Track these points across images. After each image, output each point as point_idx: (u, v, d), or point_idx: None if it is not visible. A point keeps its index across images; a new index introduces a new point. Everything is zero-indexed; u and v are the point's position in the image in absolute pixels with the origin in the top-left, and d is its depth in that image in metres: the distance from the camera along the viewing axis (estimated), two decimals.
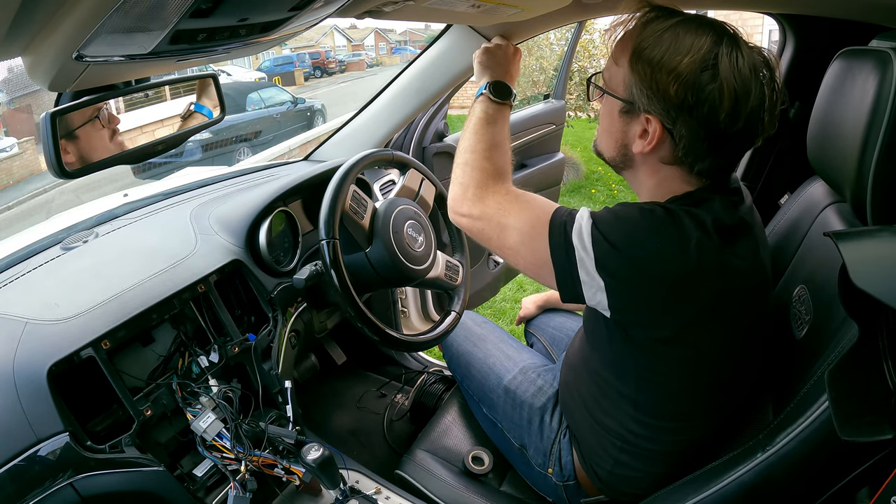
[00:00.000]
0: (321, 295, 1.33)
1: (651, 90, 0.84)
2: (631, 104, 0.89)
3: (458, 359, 1.47)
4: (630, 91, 0.88)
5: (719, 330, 0.89)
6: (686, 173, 0.90)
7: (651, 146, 0.88)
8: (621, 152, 0.95)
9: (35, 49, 0.61)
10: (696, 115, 0.82)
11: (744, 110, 0.82)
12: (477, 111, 1.12)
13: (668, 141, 0.87)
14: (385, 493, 1.25)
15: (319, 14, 0.79)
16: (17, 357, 0.95)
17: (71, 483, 0.93)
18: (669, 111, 0.84)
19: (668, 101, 0.83)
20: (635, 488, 1.09)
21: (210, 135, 8.46)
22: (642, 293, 0.85)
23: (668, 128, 0.85)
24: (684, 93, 0.81)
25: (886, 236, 0.74)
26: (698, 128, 0.83)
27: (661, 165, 0.91)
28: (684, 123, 0.84)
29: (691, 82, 0.81)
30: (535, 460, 1.24)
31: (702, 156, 0.86)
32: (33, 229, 1.60)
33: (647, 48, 0.85)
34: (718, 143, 0.85)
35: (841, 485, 0.79)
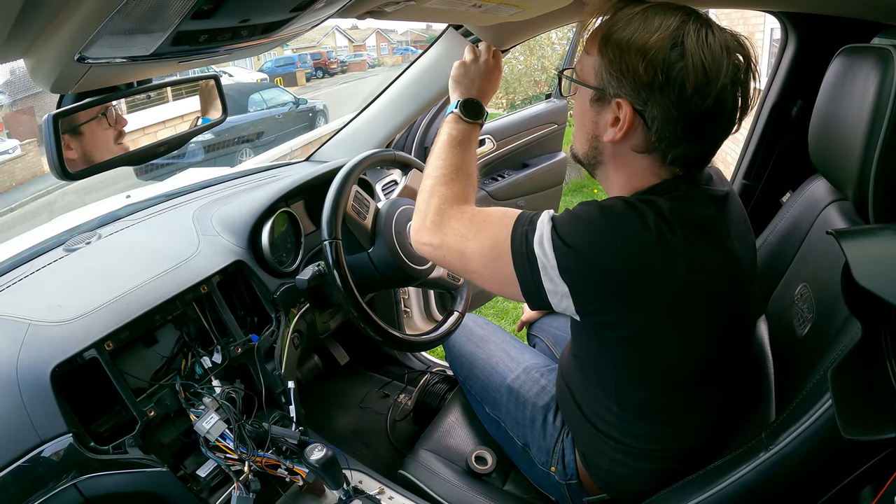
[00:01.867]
0: (324, 295, 1.33)
1: (620, 72, 0.82)
2: (601, 91, 0.86)
3: (460, 359, 1.47)
4: (600, 77, 0.86)
5: (686, 328, 0.86)
6: (658, 164, 0.87)
7: (623, 132, 0.85)
8: (592, 145, 0.92)
9: (37, 51, 0.61)
10: (667, 93, 0.79)
11: (713, 87, 0.79)
12: (444, 132, 1.08)
13: (640, 126, 0.84)
14: (388, 494, 1.25)
15: (321, 15, 0.79)
16: (21, 358, 0.95)
17: (74, 484, 0.93)
18: (640, 91, 0.81)
19: (638, 81, 0.81)
20: (634, 486, 1.09)
21: (212, 136, 8.48)
22: (604, 292, 0.83)
23: (639, 110, 0.83)
24: (653, 71, 0.79)
25: (889, 234, 0.74)
26: (670, 107, 0.80)
27: (632, 156, 0.88)
28: (656, 103, 0.81)
29: (660, 59, 0.79)
30: (538, 459, 1.24)
31: (675, 140, 0.83)
32: (36, 231, 1.60)
33: (616, 31, 0.83)
34: (692, 123, 0.81)
35: (844, 484, 0.79)
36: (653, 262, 0.80)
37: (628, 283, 0.82)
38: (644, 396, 0.98)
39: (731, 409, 1.04)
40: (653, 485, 1.05)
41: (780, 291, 1.15)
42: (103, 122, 0.94)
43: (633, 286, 0.82)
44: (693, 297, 0.83)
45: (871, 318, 0.70)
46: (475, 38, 1.54)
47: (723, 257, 0.86)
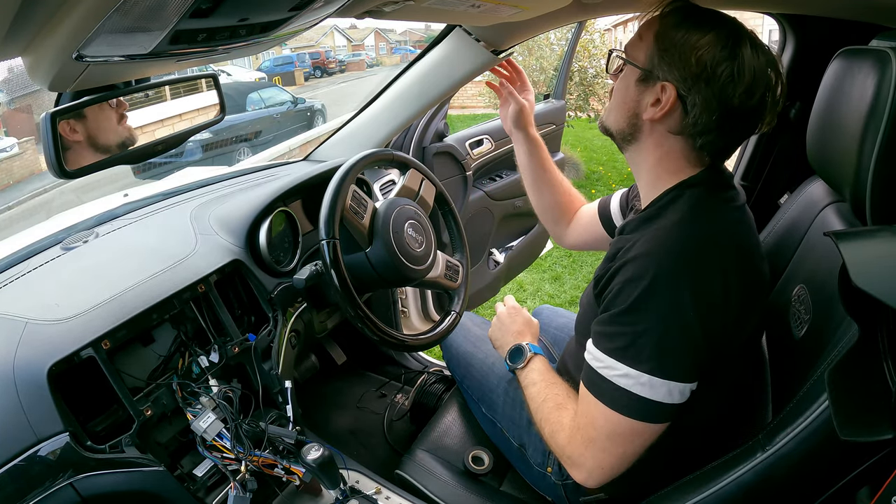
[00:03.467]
0: (321, 295, 1.33)
1: (672, 58, 0.90)
2: (649, 72, 0.93)
3: (457, 359, 1.47)
4: (651, 61, 0.93)
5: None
6: (689, 147, 0.95)
7: (663, 112, 0.92)
8: (631, 122, 0.99)
9: (35, 49, 0.61)
10: (712, 85, 0.88)
11: (758, 90, 0.88)
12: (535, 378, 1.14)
13: (679, 110, 0.92)
14: (385, 493, 1.25)
15: (319, 14, 0.79)
16: (18, 357, 0.95)
17: (71, 483, 0.93)
18: (686, 79, 0.89)
19: (687, 70, 0.89)
20: (630, 485, 1.09)
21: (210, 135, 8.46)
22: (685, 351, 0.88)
23: (682, 95, 0.90)
24: (703, 64, 0.87)
25: (887, 236, 0.74)
26: (712, 98, 0.88)
27: (666, 136, 0.96)
28: (699, 93, 0.89)
29: (711, 55, 0.87)
30: (534, 459, 1.24)
31: (708, 128, 0.90)
32: (33, 229, 1.60)
33: (673, 24, 0.92)
34: (727, 117, 0.89)
35: (841, 484, 0.79)
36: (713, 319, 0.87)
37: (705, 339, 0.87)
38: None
39: (729, 406, 1.05)
40: (649, 484, 1.05)
41: (778, 292, 1.15)
42: (105, 105, 0.94)
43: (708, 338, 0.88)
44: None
45: (868, 320, 0.70)
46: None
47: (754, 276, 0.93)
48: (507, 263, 2.52)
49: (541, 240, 2.70)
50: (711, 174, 0.97)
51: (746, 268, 0.91)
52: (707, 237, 0.90)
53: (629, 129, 1.00)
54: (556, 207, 1.49)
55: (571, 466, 0.98)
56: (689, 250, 0.88)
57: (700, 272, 0.87)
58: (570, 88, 7.49)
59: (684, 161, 0.97)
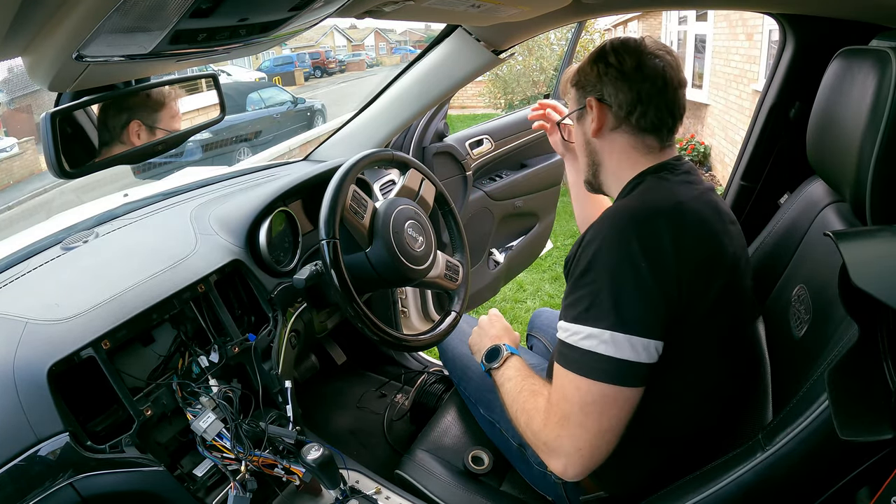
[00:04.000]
0: (321, 295, 1.33)
1: (581, 85, 1.09)
2: (580, 108, 1.11)
3: (454, 362, 1.47)
4: (576, 100, 1.12)
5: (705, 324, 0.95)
6: (633, 135, 1.06)
7: (598, 119, 1.06)
8: (589, 150, 1.13)
9: (35, 49, 0.61)
10: (609, 74, 1.04)
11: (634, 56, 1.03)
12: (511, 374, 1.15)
13: (606, 110, 1.06)
14: (385, 493, 1.25)
15: (319, 14, 0.79)
16: (18, 357, 0.95)
17: (71, 483, 0.93)
18: (595, 84, 1.06)
19: (591, 80, 1.07)
20: (628, 483, 1.09)
21: (210, 135, 8.47)
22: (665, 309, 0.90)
23: (600, 97, 1.06)
24: (597, 66, 1.06)
25: (887, 236, 0.74)
26: (615, 80, 1.03)
27: (611, 137, 1.08)
28: (606, 85, 1.05)
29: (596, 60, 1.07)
30: (534, 459, 1.24)
31: (632, 104, 1.03)
32: (33, 229, 1.60)
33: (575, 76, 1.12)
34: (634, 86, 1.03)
35: (841, 484, 0.79)
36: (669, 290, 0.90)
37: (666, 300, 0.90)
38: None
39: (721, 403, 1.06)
40: (646, 481, 1.06)
41: (778, 292, 1.15)
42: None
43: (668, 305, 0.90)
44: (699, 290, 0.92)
45: (868, 320, 0.70)
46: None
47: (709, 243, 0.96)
48: (507, 263, 2.52)
49: (541, 240, 2.70)
50: (668, 162, 1.05)
51: (701, 237, 0.94)
52: (658, 203, 0.96)
53: (591, 157, 1.13)
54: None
55: (549, 455, 0.97)
56: (638, 210, 0.95)
57: (648, 227, 0.91)
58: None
59: (636, 152, 1.06)
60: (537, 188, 2.50)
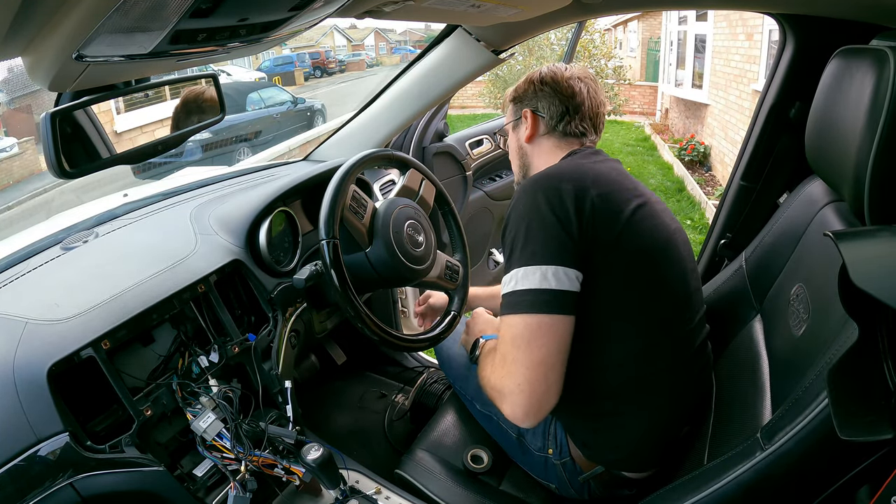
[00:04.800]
0: (321, 295, 1.33)
1: (518, 98, 1.28)
2: (516, 118, 1.28)
3: (450, 362, 1.48)
4: (513, 112, 1.29)
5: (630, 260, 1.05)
6: (557, 137, 1.24)
7: (530, 127, 1.25)
8: (521, 154, 1.30)
9: (35, 49, 0.61)
10: (544, 90, 1.23)
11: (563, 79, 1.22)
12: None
13: (538, 119, 1.24)
14: (385, 493, 1.25)
15: (319, 14, 0.79)
16: (17, 357, 0.95)
17: (71, 483, 0.93)
18: (528, 97, 1.25)
19: (527, 95, 1.26)
20: (616, 448, 1.14)
21: (210, 135, 8.46)
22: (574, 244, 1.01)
23: (533, 109, 1.24)
24: (532, 86, 1.25)
25: (886, 236, 0.74)
26: (548, 96, 1.23)
27: (539, 141, 1.26)
28: (539, 99, 1.24)
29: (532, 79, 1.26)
30: (533, 445, 1.26)
31: (559, 114, 1.22)
32: (33, 229, 1.60)
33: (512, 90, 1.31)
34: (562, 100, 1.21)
35: (840, 484, 0.79)
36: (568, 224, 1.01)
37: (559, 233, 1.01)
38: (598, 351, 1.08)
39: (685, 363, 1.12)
40: (632, 447, 1.12)
41: (776, 291, 1.15)
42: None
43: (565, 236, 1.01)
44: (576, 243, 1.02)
45: (867, 320, 0.70)
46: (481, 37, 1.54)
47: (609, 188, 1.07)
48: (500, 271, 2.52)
49: None
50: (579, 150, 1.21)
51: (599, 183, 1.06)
52: (561, 168, 1.11)
53: (522, 160, 1.30)
54: None
55: (499, 399, 1.04)
56: (543, 175, 1.08)
57: (551, 183, 1.04)
58: None
59: (560, 151, 1.23)
60: None
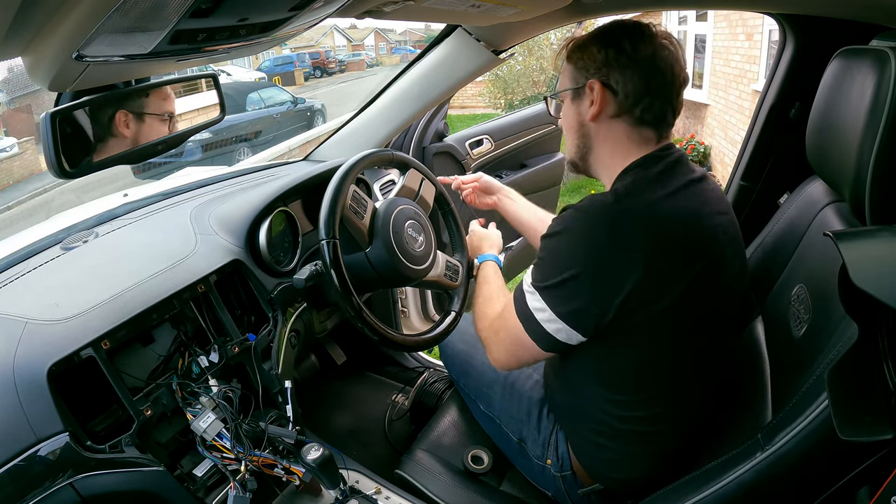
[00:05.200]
0: (321, 295, 1.33)
1: (584, 63, 1.03)
2: (576, 87, 1.06)
3: (454, 359, 1.48)
4: (573, 78, 1.06)
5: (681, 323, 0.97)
6: (631, 125, 1.03)
7: (599, 104, 1.02)
8: (581, 133, 1.08)
9: (35, 49, 0.61)
10: (621, 60, 0.99)
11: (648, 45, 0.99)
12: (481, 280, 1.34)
13: (609, 95, 1.02)
14: (385, 493, 1.25)
15: (319, 14, 0.79)
16: (17, 357, 0.95)
17: (71, 483, 0.93)
18: (601, 68, 1.01)
19: (598, 61, 1.01)
20: (620, 472, 1.13)
21: (210, 135, 8.47)
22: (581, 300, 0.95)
23: (605, 82, 1.01)
24: (606, 50, 1.00)
25: (886, 236, 0.74)
26: (627, 67, 0.99)
27: (609, 124, 1.04)
28: (616, 69, 1.00)
29: (607, 42, 1.01)
30: (533, 452, 1.25)
31: (639, 94, 1.00)
32: (33, 229, 1.59)
33: (574, 48, 1.06)
34: (644, 77, 0.99)
35: (841, 484, 0.79)
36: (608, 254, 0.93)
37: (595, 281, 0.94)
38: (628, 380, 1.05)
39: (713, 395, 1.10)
40: (639, 470, 1.09)
41: (777, 292, 1.15)
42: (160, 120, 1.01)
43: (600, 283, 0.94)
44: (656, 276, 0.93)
45: (867, 320, 0.70)
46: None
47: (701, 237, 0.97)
48: (506, 263, 2.52)
49: None
50: (657, 154, 1.02)
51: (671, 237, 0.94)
52: (634, 204, 0.95)
53: (582, 140, 1.09)
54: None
55: (487, 347, 1.16)
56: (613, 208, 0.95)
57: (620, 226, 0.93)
58: None
59: (631, 143, 1.04)
60: (537, 188, 2.50)
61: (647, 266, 0.90)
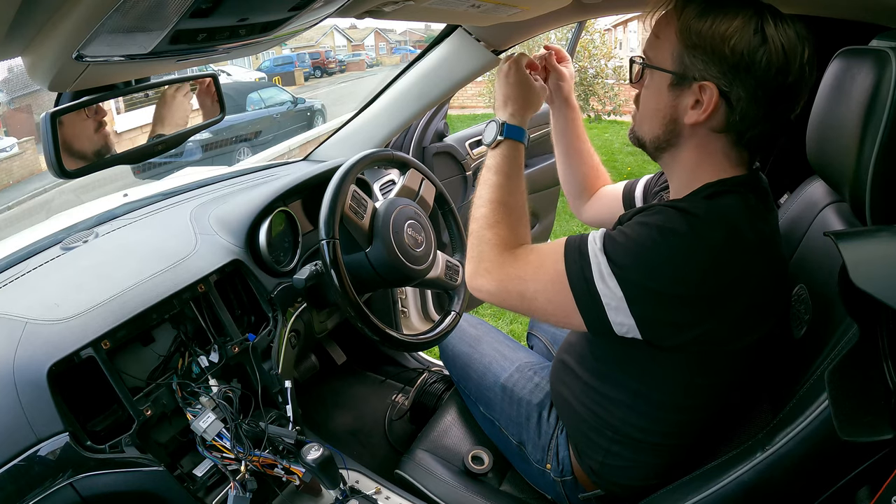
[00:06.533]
0: (321, 295, 1.33)
1: (705, 54, 0.84)
2: (681, 75, 0.88)
3: (454, 360, 1.48)
4: (681, 61, 0.87)
5: (748, 338, 0.90)
6: (732, 144, 0.90)
7: (707, 114, 0.86)
8: (669, 129, 0.93)
9: (35, 49, 0.61)
10: (753, 72, 0.82)
11: (794, 66, 0.83)
12: (488, 164, 1.04)
13: (723, 107, 0.86)
14: (385, 493, 1.25)
15: (319, 14, 0.79)
16: (17, 357, 0.95)
17: (71, 483, 0.93)
18: (726, 73, 0.83)
19: (725, 63, 0.83)
20: (628, 479, 1.10)
21: (210, 135, 8.45)
22: (671, 318, 0.85)
23: (724, 91, 0.84)
24: (740, 52, 0.82)
25: (886, 236, 0.74)
26: (756, 87, 0.83)
27: (709, 136, 0.90)
28: (741, 84, 0.83)
29: (745, 42, 0.81)
30: (533, 456, 1.24)
31: (756, 119, 0.86)
32: (33, 229, 1.60)
33: (694, 17, 0.85)
34: (773, 102, 0.85)
35: (841, 484, 0.79)
36: (721, 284, 0.83)
37: (696, 307, 0.84)
38: (669, 390, 0.99)
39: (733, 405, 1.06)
40: (647, 478, 1.07)
41: None
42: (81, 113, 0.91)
43: (701, 310, 0.84)
44: (755, 313, 0.87)
45: (868, 320, 0.70)
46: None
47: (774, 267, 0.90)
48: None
49: (541, 240, 2.70)
50: (754, 176, 0.93)
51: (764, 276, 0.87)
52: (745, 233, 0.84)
53: (666, 135, 0.94)
54: (583, 180, 1.40)
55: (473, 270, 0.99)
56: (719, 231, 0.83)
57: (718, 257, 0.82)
58: None
59: (726, 160, 0.92)
60: (537, 188, 2.50)
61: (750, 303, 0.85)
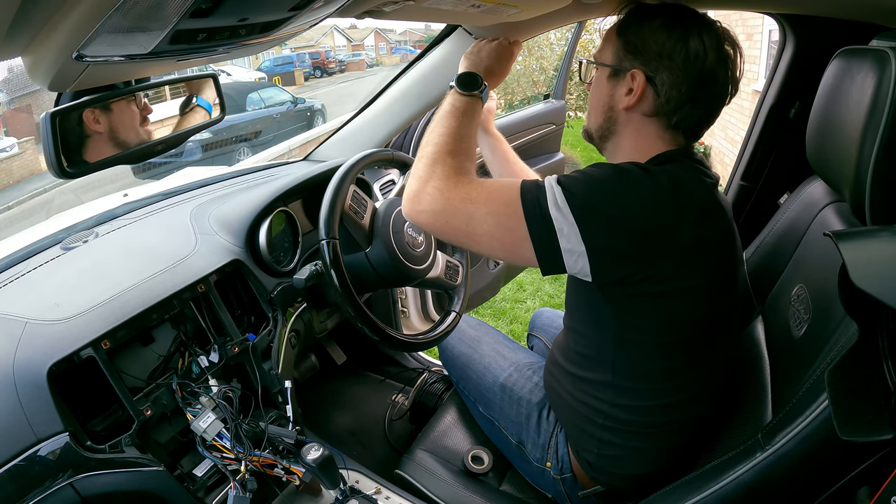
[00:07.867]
0: (321, 295, 1.33)
1: (635, 48, 0.97)
2: (618, 67, 1.00)
3: (453, 361, 1.48)
4: (617, 56, 1.00)
5: (695, 279, 0.92)
6: (663, 127, 0.99)
7: (636, 98, 0.97)
8: (607, 115, 1.03)
9: (35, 49, 0.61)
10: (675, 59, 0.93)
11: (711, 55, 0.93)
12: (445, 102, 1.10)
13: (650, 92, 0.97)
14: (385, 493, 1.25)
15: (319, 14, 0.79)
16: (17, 357, 0.95)
17: (71, 483, 0.93)
18: (651, 62, 0.95)
19: (650, 53, 0.95)
20: (624, 469, 1.12)
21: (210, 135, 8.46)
22: (622, 247, 0.87)
23: (650, 77, 0.96)
24: (662, 44, 0.94)
25: (886, 236, 0.74)
26: (677, 71, 0.94)
27: (642, 120, 1.00)
28: (664, 69, 0.94)
29: (667, 35, 0.94)
30: (532, 455, 1.25)
31: (680, 102, 0.95)
32: (33, 229, 1.59)
33: (629, 21, 0.99)
34: (693, 86, 0.94)
35: (840, 484, 0.79)
36: (667, 216, 0.87)
37: (645, 237, 0.87)
38: (643, 355, 1.01)
39: (719, 390, 1.09)
40: (642, 467, 1.09)
41: (777, 292, 1.15)
42: (132, 104, 0.95)
43: (650, 240, 0.87)
44: (704, 248, 0.91)
45: (867, 320, 0.70)
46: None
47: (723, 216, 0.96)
48: (506, 263, 2.52)
49: None
50: (686, 151, 1.01)
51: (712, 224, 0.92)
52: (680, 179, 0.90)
53: (606, 122, 1.04)
54: None
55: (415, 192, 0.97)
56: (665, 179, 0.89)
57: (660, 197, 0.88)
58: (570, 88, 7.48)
59: (660, 141, 1.00)
60: None
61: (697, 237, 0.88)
